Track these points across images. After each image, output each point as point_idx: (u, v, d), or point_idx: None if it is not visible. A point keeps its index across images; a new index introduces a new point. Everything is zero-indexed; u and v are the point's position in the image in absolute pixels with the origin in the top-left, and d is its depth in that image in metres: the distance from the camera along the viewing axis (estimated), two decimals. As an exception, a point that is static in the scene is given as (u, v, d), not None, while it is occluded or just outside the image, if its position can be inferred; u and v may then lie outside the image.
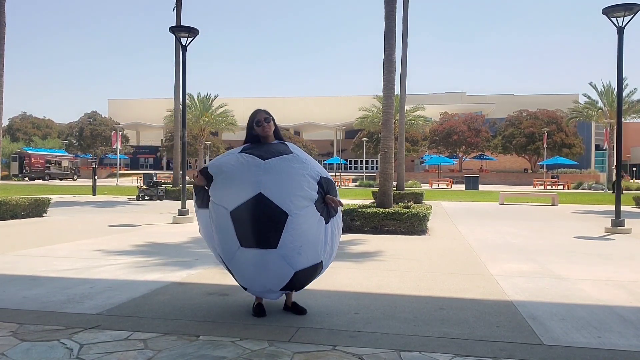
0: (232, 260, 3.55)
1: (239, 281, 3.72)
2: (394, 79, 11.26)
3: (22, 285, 4.73)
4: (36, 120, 67.28)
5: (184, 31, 10.92)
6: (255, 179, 3.39)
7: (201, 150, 48.37)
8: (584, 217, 13.35)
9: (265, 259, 3.42)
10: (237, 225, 3.39)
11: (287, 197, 3.38)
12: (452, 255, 6.81)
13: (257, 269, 3.47)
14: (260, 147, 3.66)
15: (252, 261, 3.45)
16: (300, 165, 3.54)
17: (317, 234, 3.51)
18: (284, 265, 3.44)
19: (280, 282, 3.55)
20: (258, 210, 3.34)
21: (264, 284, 3.58)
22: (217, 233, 3.56)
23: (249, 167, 3.46)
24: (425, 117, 47.84)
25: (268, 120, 3.72)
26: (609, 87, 39.32)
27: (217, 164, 3.67)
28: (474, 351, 3.10)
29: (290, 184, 3.42)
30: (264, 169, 3.43)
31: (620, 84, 9.97)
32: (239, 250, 3.44)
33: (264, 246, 3.38)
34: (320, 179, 3.57)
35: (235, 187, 3.43)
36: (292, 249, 3.40)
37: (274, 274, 3.49)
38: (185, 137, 12.02)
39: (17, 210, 11.30)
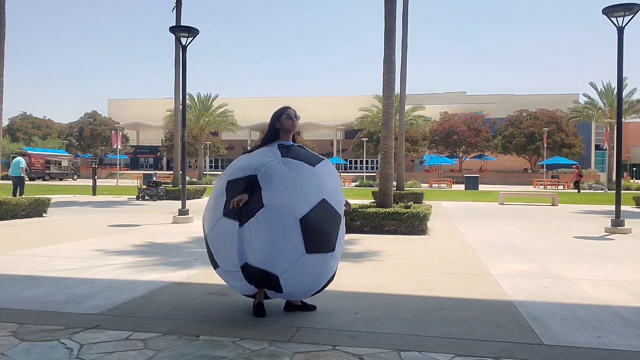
0: (292, 267, 3.41)
1: (285, 288, 3.50)
2: (394, 79, 11.26)
3: (22, 285, 4.73)
4: (36, 120, 67.31)
5: (184, 31, 10.93)
6: (316, 186, 3.48)
7: (201, 150, 48.34)
8: (584, 217, 13.35)
9: (325, 263, 3.53)
10: (305, 232, 3.37)
11: (339, 201, 3.61)
12: (452, 255, 6.81)
13: (314, 273, 3.52)
14: (296, 151, 3.66)
15: (314, 266, 3.48)
16: (333, 170, 3.80)
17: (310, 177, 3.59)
18: (334, 266, 3.64)
19: (321, 284, 3.68)
20: (323, 216, 3.44)
21: (309, 289, 3.63)
22: (273, 243, 3.35)
23: (306, 173, 3.50)
24: (425, 117, 47.83)
25: (297, 117, 3.85)
26: (609, 87, 39.28)
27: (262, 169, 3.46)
28: (474, 351, 3.10)
29: (337, 188, 3.65)
30: (318, 175, 3.54)
31: (620, 84, 9.97)
32: (303, 256, 3.39)
33: (326, 250, 3.49)
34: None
35: (300, 194, 3.41)
36: (339, 251, 3.63)
37: (323, 277, 3.61)
38: (185, 137, 12.03)
39: (17, 210, 11.31)
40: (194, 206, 14.59)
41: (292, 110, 3.86)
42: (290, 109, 3.87)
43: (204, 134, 47.99)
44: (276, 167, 3.47)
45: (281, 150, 3.65)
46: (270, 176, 3.42)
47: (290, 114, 3.81)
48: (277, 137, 3.79)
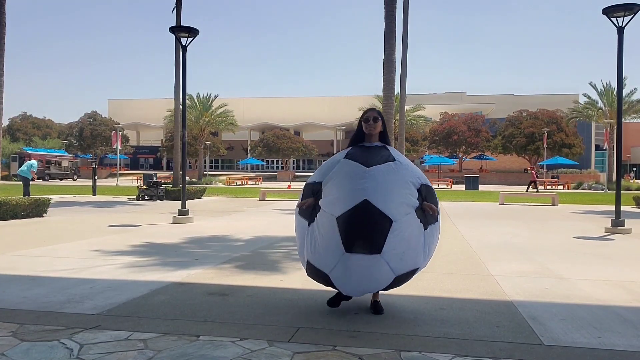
0: (336, 266, 3.50)
1: (338, 286, 3.64)
2: (394, 79, 11.27)
3: (22, 285, 4.73)
4: (36, 120, 67.28)
5: (184, 31, 10.93)
6: (360, 186, 3.46)
7: (201, 150, 48.36)
8: (584, 217, 13.35)
9: (370, 264, 3.47)
10: (343, 231, 3.41)
11: (391, 203, 3.45)
12: (452, 255, 6.81)
13: (360, 274, 3.51)
14: (365, 151, 3.72)
15: (356, 266, 3.47)
16: (405, 172, 3.64)
17: (418, 241, 3.60)
18: (387, 270, 3.52)
19: (379, 285, 3.65)
20: (364, 216, 3.40)
21: (364, 288, 3.64)
22: (320, 241, 3.55)
23: (354, 174, 3.54)
24: (425, 117, 47.90)
25: (376, 120, 3.81)
26: (609, 87, 39.30)
27: (322, 174, 3.75)
28: (474, 351, 3.10)
29: (394, 191, 3.51)
30: (369, 176, 3.51)
31: (620, 84, 9.97)
32: (344, 255, 3.45)
33: (369, 251, 3.43)
34: (420, 186, 3.67)
35: (341, 194, 3.49)
36: (396, 255, 3.49)
37: (376, 278, 3.56)
38: (185, 137, 12.03)
39: (17, 210, 11.30)
40: (194, 206, 14.60)
41: (373, 112, 3.87)
42: (371, 111, 3.87)
43: (204, 134, 48.01)
44: (334, 169, 3.65)
45: (352, 151, 3.76)
46: (329, 179, 3.63)
47: (367, 116, 3.83)
48: (362, 140, 3.86)
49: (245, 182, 41.88)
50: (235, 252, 6.83)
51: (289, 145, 55.10)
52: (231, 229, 9.63)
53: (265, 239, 8.15)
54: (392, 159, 3.67)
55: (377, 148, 3.78)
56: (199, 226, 10.19)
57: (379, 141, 3.87)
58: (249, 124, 66.50)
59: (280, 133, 56.60)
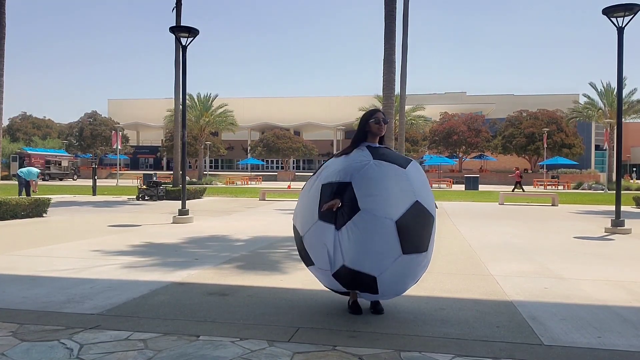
0: (389, 268, 3.48)
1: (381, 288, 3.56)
2: (394, 79, 11.28)
3: (22, 285, 4.73)
4: (36, 120, 67.27)
5: (184, 31, 10.93)
6: (409, 188, 3.52)
7: (201, 150, 48.35)
8: (584, 217, 13.35)
9: (421, 262, 3.63)
10: (402, 234, 3.43)
11: (430, 202, 3.64)
12: (452, 255, 6.81)
13: (409, 273, 3.60)
14: (383, 152, 3.71)
15: (410, 266, 3.56)
16: (422, 171, 3.81)
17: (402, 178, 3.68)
18: (426, 264, 3.73)
19: (414, 282, 3.78)
20: (418, 217, 3.51)
21: (404, 288, 3.73)
22: (370, 245, 3.43)
23: (397, 176, 3.54)
24: (425, 117, 47.84)
25: (386, 121, 3.86)
26: (609, 87, 39.28)
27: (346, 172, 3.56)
28: (474, 351, 3.10)
29: (428, 190, 3.69)
30: (409, 178, 3.57)
31: (620, 84, 9.97)
32: (400, 257, 3.47)
33: (421, 250, 3.57)
34: None
35: (394, 197, 3.48)
36: (432, 248, 3.73)
37: (416, 274, 3.69)
38: (185, 137, 12.03)
39: (17, 210, 11.31)
40: (194, 206, 14.61)
41: (381, 113, 3.88)
42: (379, 112, 3.90)
43: (204, 134, 48.00)
44: (369, 171, 3.54)
45: (372, 152, 3.69)
46: (365, 181, 3.50)
47: (378, 117, 3.83)
48: (365, 139, 3.84)
49: (245, 182, 41.88)
50: (235, 252, 6.83)
51: (289, 145, 55.10)
52: (231, 229, 9.63)
53: (265, 239, 8.15)
54: (410, 159, 3.80)
55: (387, 149, 3.85)
56: (199, 226, 10.19)
57: (378, 142, 3.89)
58: (249, 124, 66.48)
59: (280, 133, 56.60)
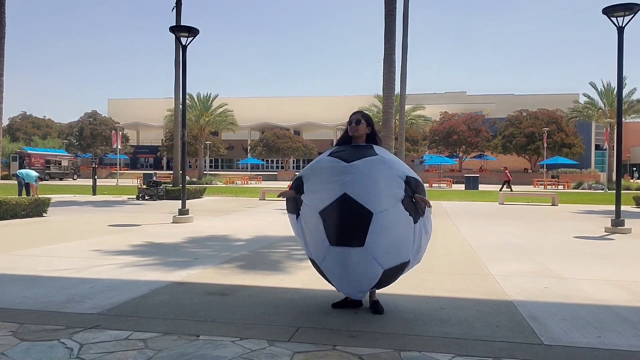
0: (324, 260, 3.65)
1: (332, 282, 3.80)
2: (394, 79, 11.28)
3: (22, 285, 4.73)
4: (36, 120, 67.20)
5: (184, 31, 10.93)
6: (340, 180, 3.52)
7: (201, 150, 48.34)
8: (584, 217, 13.35)
9: (353, 257, 3.51)
10: (326, 225, 3.53)
11: (371, 196, 3.47)
12: (452, 255, 6.81)
13: (346, 267, 3.57)
14: (348, 149, 3.80)
15: (341, 259, 3.56)
16: (385, 166, 3.63)
17: (407, 233, 3.63)
18: (373, 264, 3.53)
19: (370, 281, 3.64)
20: (344, 210, 3.47)
21: (354, 284, 3.65)
22: (308, 234, 3.77)
23: (334, 169, 3.62)
24: (425, 117, 47.83)
25: (358, 122, 3.88)
26: (609, 86, 39.25)
27: (306, 170, 3.89)
28: (474, 351, 3.10)
29: (374, 184, 3.51)
30: (348, 171, 3.56)
31: (620, 84, 9.97)
32: (329, 248, 3.57)
33: (351, 244, 3.49)
34: (406, 178, 3.63)
35: (322, 189, 3.61)
36: (381, 248, 3.50)
37: (363, 272, 3.57)
38: (185, 137, 12.04)
39: (17, 210, 11.31)
40: (194, 206, 14.61)
41: (358, 114, 3.95)
42: (355, 114, 3.95)
43: (204, 134, 47.99)
44: (316, 167, 3.78)
45: (336, 149, 3.84)
46: (309, 176, 3.75)
47: (351, 119, 3.92)
48: (350, 140, 3.94)
49: (245, 182, 41.88)
50: (235, 252, 6.83)
51: (289, 145, 55.08)
52: (231, 229, 9.63)
53: (266, 239, 8.15)
54: (373, 154, 3.69)
55: (363, 147, 3.84)
56: (199, 226, 10.19)
57: (366, 142, 3.92)
58: (249, 123, 66.45)
59: (280, 133, 56.58)
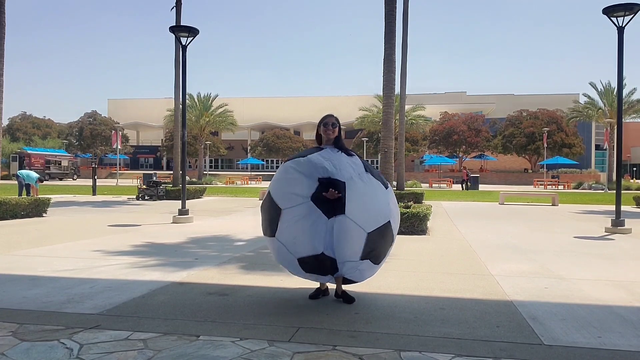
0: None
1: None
2: (394, 79, 11.28)
3: (22, 285, 4.73)
4: (36, 120, 67.22)
5: (184, 31, 10.93)
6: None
7: (201, 150, 48.35)
8: (584, 217, 13.35)
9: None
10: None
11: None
12: (452, 255, 6.81)
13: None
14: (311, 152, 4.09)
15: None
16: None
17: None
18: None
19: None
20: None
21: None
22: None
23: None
24: (425, 117, 47.82)
25: (335, 125, 4.13)
26: (609, 87, 39.27)
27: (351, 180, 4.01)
28: (474, 351, 3.10)
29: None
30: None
31: (620, 84, 9.97)
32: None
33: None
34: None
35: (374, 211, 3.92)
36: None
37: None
38: (185, 137, 12.03)
39: (17, 210, 11.31)
40: (194, 206, 14.61)
41: (332, 118, 4.15)
42: (330, 117, 4.16)
43: (204, 134, 48.01)
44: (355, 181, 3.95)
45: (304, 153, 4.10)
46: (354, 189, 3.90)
47: (327, 122, 4.13)
48: (320, 142, 4.17)
49: (245, 182, 41.88)
50: (236, 252, 6.83)
51: (289, 145, 55.10)
52: (231, 229, 9.63)
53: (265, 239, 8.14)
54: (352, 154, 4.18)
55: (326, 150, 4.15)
56: (199, 226, 10.18)
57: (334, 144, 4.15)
58: (249, 123, 66.48)
59: (280, 133, 56.62)
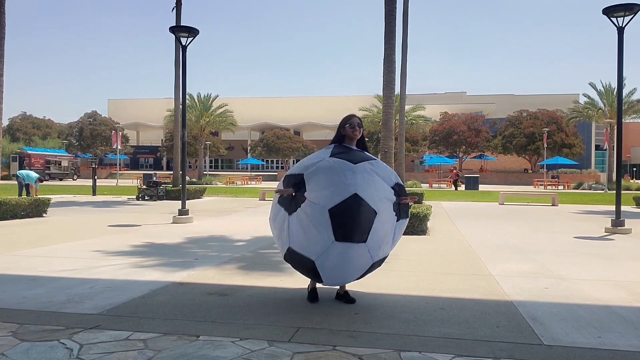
0: (323, 254, 3.73)
1: (322, 273, 3.84)
2: (394, 79, 11.28)
3: (22, 285, 4.73)
4: (36, 120, 67.19)
5: (184, 31, 10.93)
6: (350, 181, 3.72)
7: (201, 150, 48.34)
8: (584, 217, 13.35)
9: (355, 252, 3.75)
10: (335, 222, 3.65)
11: (376, 197, 3.76)
12: (452, 255, 6.81)
13: (346, 261, 3.78)
14: (347, 151, 4.01)
15: (343, 254, 3.73)
16: (381, 170, 3.97)
17: (391, 231, 3.99)
18: (368, 257, 3.83)
19: (359, 272, 3.92)
20: (354, 209, 3.66)
21: (346, 276, 3.91)
22: (309, 230, 3.75)
23: (342, 169, 3.78)
24: (425, 117, 47.83)
25: (360, 126, 4.12)
26: (608, 87, 39.28)
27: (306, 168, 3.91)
28: (474, 351, 3.10)
29: (376, 186, 3.82)
30: (357, 171, 3.79)
31: (620, 84, 9.96)
32: (333, 244, 3.69)
33: (356, 240, 3.70)
34: (394, 184, 4.02)
35: (331, 188, 3.72)
36: (376, 243, 3.82)
37: (358, 265, 3.84)
38: (185, 137, 12.03)
39: (17, 210, 11.31)
40: (194, 206, 14.61)
41: (357, 119, 4.13)
42: (355, 117, 4.13)
43: (204, 134, 48.00)
44: (321, 166, 3.85)
45: (335, 150, 4.00)
46: (313, 174, 3.81)
47: (353, 122, 4.09)
48: (342, 142, 4.12)
49: (245, 182, 41.88)
50: (236, 252, 6.83)
51: (289, 145, 55.08)
52: (231, 229, 9.63)
53: (265, 239, 8.15)
54: (372, 158, 4.06)
55: (357, 150, 4.11)
56: (198, 226, 10.19)
57: (357, 146, 4.15)
58: (249, 124, 66.47)
59: (280, 133, 56.58)
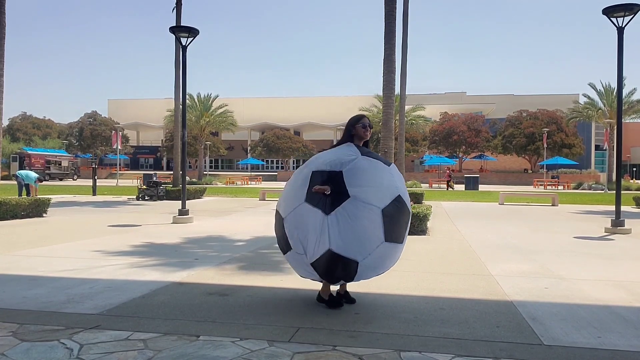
0: (370, 255, 3.69)
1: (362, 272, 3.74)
2: (394, 79, 11.29)
3: (22, 285, 4.73)
4: (36, 120, 67.19)
5: (184, 31, 10.93)
6: (393, 183, 3.85)
7: (201, 150, 48.34)
8: (584, 217, 13.35)
9: (395, 252, 3.91)
10: (387, 222, 3.70)
11: (408, 200, 3.98)
12: (452, 255, 6.81)
13: (390, 260, 3.91)
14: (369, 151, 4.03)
15: (385, 254, 3.80)
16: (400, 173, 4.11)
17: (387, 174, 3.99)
18: (398, 257, 4.03)
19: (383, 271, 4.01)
20: (401, 210, 3.82)
21: (376, 273, 3.94)
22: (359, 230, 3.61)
23: (383, 170, 3.88)
24: (425, 117, 47.84)
25: (371, 126, 4.15)
26: (608, 87, 39.29)
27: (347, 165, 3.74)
28: (474, 351, 3.10)
29: (405, 189, 4.01)
30: (393, 174, 3.93)
31: (620, 84, 9.97)
32: (382, 245, 3.70)
33: (399, 241, 3.88)
34: None
35: (381, 188, 3.77)
36: (405, 243, 4.03)
37: (389, 265, 3.97)
38: (185, 137, 12.03)
39: (17, 210, 11.31)
40: (194, 206, 14.61)
41: (367, 119, 4.14)
42: (365, 118, 4.14)
43: (204, 134, 48.00)
44: (359, 164, 3.80)
45: (359, 149, 3.98)
46: (354, 172, 3.73)
47: (365, 122, 4.10)
48: (351, 142, 4.10)
49: (245, 182, 41.89)
50: (236, 252, 6.83)
51: (289, 145, 55.08)
52: (231, 229, 9.63)
53: (266, 239, 8.15)
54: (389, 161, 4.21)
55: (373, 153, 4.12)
56: (199, 226, 10.19)
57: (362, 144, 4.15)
58: (249, 124, 66.47)
59: (280, 133, 56.58)
